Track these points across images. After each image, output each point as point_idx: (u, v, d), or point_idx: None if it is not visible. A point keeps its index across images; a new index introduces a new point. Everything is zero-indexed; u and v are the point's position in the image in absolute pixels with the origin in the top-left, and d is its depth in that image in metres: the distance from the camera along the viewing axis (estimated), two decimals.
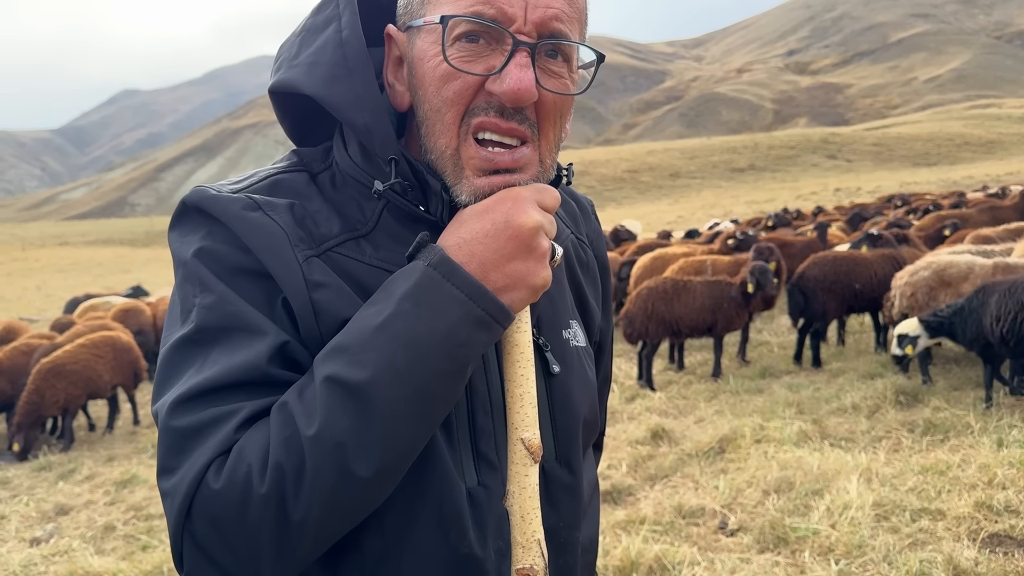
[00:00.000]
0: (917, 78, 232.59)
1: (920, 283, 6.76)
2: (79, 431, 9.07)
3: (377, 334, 0.86)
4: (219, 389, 0.88)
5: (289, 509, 0.82)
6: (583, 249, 1.25)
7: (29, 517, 6.29)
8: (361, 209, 1.02)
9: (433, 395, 0.88)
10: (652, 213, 47.44)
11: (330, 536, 0.88)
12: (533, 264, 0.93)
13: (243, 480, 0.82)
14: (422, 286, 0.88)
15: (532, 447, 0.96)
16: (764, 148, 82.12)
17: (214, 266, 0.94)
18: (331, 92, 0.99)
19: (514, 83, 0.93)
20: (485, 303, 0.90)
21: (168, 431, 0.87)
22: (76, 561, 5.00)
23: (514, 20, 0.94)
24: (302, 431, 0.83)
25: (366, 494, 0.87)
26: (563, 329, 1.13)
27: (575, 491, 1.10)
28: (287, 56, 1.05)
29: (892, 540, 4.15)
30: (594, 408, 1.19)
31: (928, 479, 4.88)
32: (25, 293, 31.42)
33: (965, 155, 66.28)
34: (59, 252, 63.38)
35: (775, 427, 6.03)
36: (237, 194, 0.98)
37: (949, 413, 5.98)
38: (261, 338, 0.90)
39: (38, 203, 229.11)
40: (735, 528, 4.64)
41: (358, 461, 0.83)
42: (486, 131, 0.96)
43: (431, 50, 0.97)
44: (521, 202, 0.93)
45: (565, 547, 1.08)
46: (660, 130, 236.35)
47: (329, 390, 0.84)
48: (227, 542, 0.84)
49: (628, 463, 5.82)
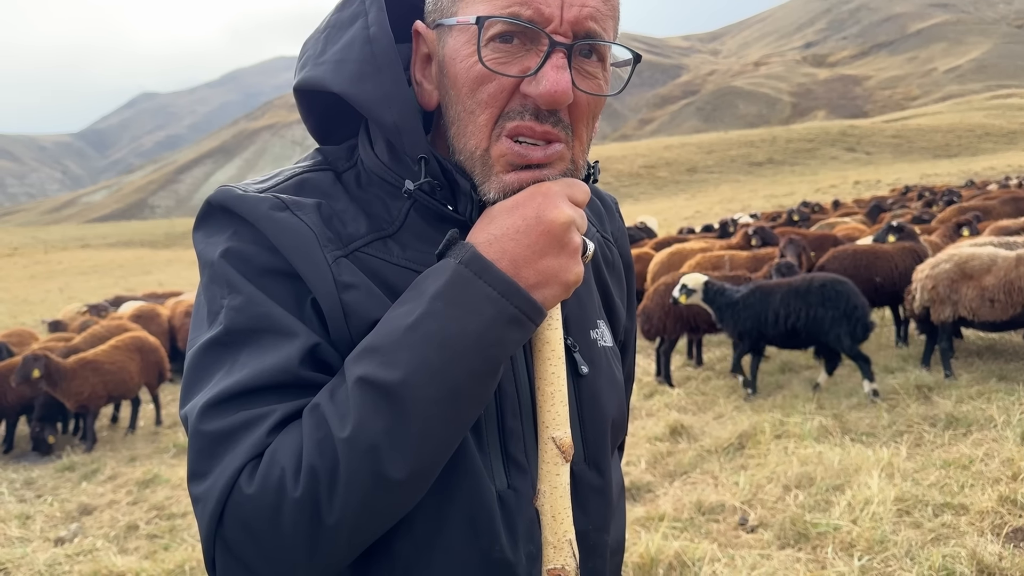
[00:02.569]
0: (937, 69, 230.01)
1: (942, 276, 6.67)
2: (101, 432, 9.17)
3: (409, 334, 0.85)
4: (250, 392, 0.86)
5: (323, 513, 0.81)
6: (608, 248, 1.24)
7: (53, 517, 6.35)
8: (387, 208, 1.01)
9: (466, 395, 0.87)
10: (669, 208, 47.21)
11: (364, 540, 0.87)
12: (566, 260, 0.91)
13: (277, 484, 0.81)
14: (454, 284, 0.87)
15: (563, 446, 0.95)
16: (782, 141, 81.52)
17: (242, 267, 0.93)
18: (359, 90, 0.98)
19: (551, 85, 0.91)
20: (518, 300, 0.88)
21: (198, 435, 0.86)
22: (100, 560, 5.04)
23: (551, 20, 0.91)
24: (335, 433, 0.82)
25: (400, 496, 0.86)
26: (591, 329, 1.11)
27: (604, 493, 1.08)
28: (312, 54, 1.04)
29: (914, 535, 4.11)
30: (622, 408, 1.17)
31: (951, 473, 4.83)
32: (48, 295, 31.77)
33: (986, 146, 65.46)
34: (81, 254, 64.03)
35: (795, 422, 5.98)
36: (264, 194, 0.97)
37: (971, 406, 5.91)
38: (291, 340, 0.89)
39: (59, 206, 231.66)
40: (755, 524, 4.61)
41: (392, 463, 0.82)
42: (521, 135, 0.94)
43: (464, 50, 0.95)
44: (552, 197, 0.91)
45: (595, 550, 1.07)
46: (677, 125, 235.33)
47: (362, 391, 0.83)
48: (261, 547, 0.83)
49: (647, 460, 5.80)
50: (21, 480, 7.54)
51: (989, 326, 6.66)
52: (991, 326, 6.64)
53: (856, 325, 6.57)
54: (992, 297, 6.41)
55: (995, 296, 6.39)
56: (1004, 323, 6.50)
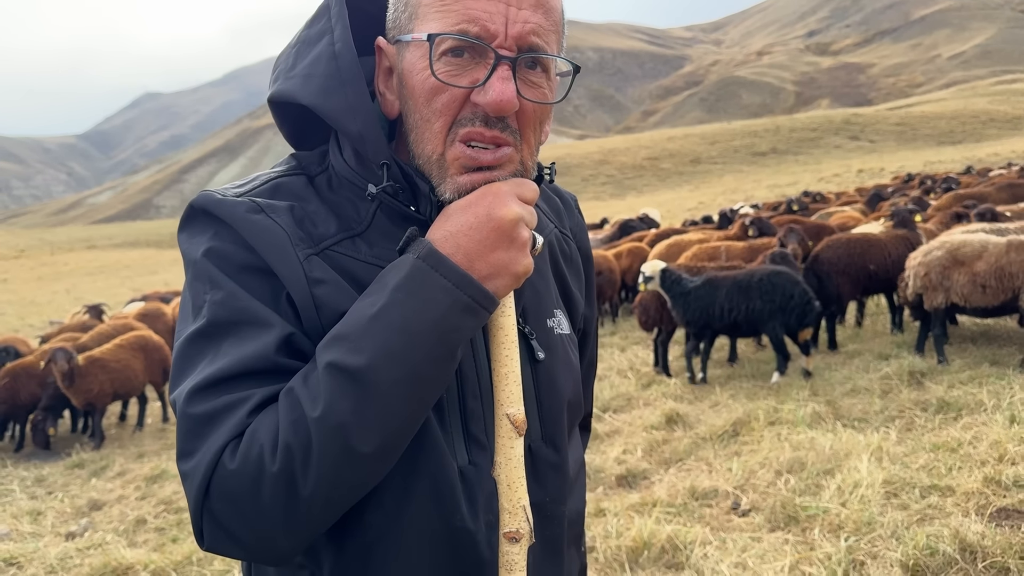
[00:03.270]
0: (941, 55, 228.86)
1: (934, 263, 6.75)
2: (109, 429, 9.31)
3: (373, 323, 0.94)
4: (231, 378, 0.95)
5: (299, 485, 0.90)
6: (567, 243, 1.33)
7: (64, 513, 6.50)
8: (356, 209, 1.10)
9: (426, 377, 0.95)
10: (673, 200, 47.21)
11: (337, 509, 0.96)
12: (515, 253, 0.99)
13: (256, 460, 0.90)
14: (413, 277, 0.96)
15: (517, 421, 1.03)
16: (786, 131, 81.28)
17: (222, 264, 1.01)
18: (326, 102, 1.06)
19: (497, 95, 0.99)
20: (471, 290, 0.96)
21: (186, 417, 0.95)
22: (110, 553, 5.15)
23: (496, 36, 1.00)
24: (308, 413, 0.90)
25: (368, 469, 0.94)
26: (548, 318, 1.20)
27: (560, 468, 1.17)
28: (284, 67, 1.12)
29: (901, 516, 4.20)
30: (578, 391, 1.26)
31: (939, 457, 4.91)
32: (55, 296, 31.96)
33: (991, 132, 65.19)
34: (87, 255, 64.27)
35: (789, 409, 6.08)
36: (241, 198, 1.05)
37: (962, 391, 5.99)
38: (268, 330, 0.98)
39: (65, 208, 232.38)
40: (747, 508, 4.71)
41: (360, 439, 0.91)
42: (472, 140, 1.03)
43: (419, 64, 1.03)
44: (502, 196, 1.00)
45: (552, 520, 1.16)
46: (680, 116, 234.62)
47: (331, 375, 0.91)
48: (243, 516, 0.92)
49: (643, 448, 5.90)
50: (32, 478, 7.69)
51: (981, 312, 6.75)
52: (983, 312, 6.73)
53: (790, 317, 6.96)
54: (983, 283, 6.49)
55: (986, 282, 6.47)
56: (995, 308, 6.59)
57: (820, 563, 3.85)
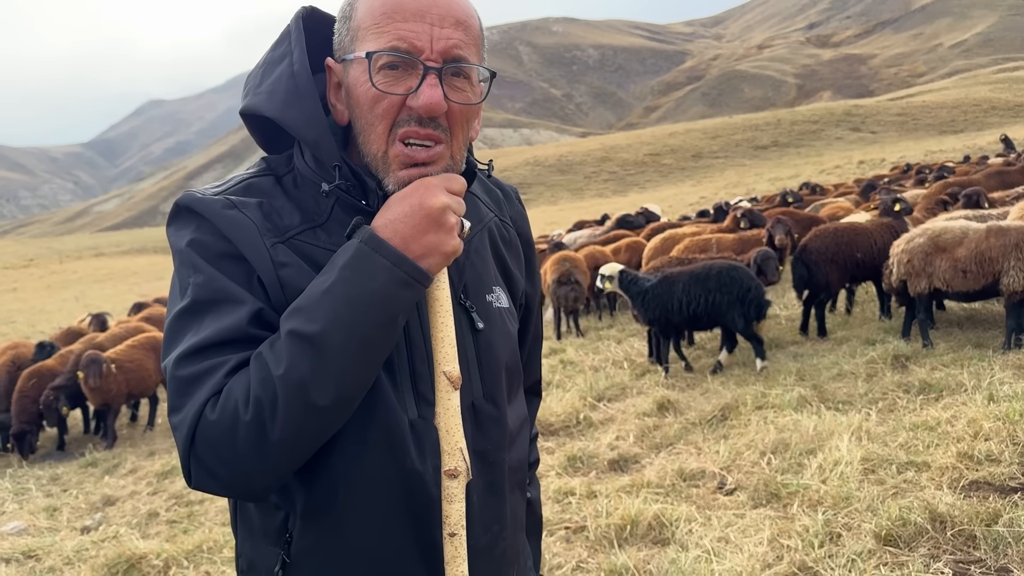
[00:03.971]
0: (942, 44, 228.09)
1: (916, 250, 6.94)
2: (121, 429, 9.56)
3: (324, 296, 1.13)
4: (212, 346, 1.15)
5: (268, 431, 1.09)
6: (506, 229, 1.53)
7: (79, 508, 6.73)
8: (317, 204, 1.29)
9: (371, 340, 1.14)
10: (675, 195, 47.32)
11: (302, 452, 1.16)
12: (443, 235, 1.18)
13: (232, 411, 1.10)
14: (357, 258, 1.15)
15: (452, 377, 1.22)
16: (787, 124, 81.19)
17: (203, 252, 1.21)
18: (286, 115, 1.26)
19: (427, 98, 1.20)
20: (406, 267, 1.15)
21: (174, 379, 1.16)
22: (124, 544, 5.35)
23: (423, 51, 1.21)
24: (273, 372, 1.10)
25: (327, 419, 1.14)
26: (487, 294, 1.41)
27: (500, 421, 1.38)
28: (253, 85, 1.33)
29: (877, 491, 4.38)
30: (515, 356, 1.46)
31: (918, 435, 5.10)
32: (64, 304, 32.23)
33: (992, 120, 65.03)
34: (95, 263, 64.62)
35: (776, 394, 6.27)
36: (218, 196, 1.26)
37: (944, 373, 6.18)
38: (242, 306, 1.18)
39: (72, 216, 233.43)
40: (732, 488, 4.91)
41: (317, 393, 1.10)
42: (409, 138, 1.23)
43: (361, 77, 1.24)
44: (432, 188, 1.19)
45: (494, 466, 1.37)
46: (683, 111, 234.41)
47: (291, 341, 1.11)
48: (223, 459, 1.12)
49: (635, 434, 6.10)
50: (47, 476, 7.93)
51: (963, 296, 6.93)
52: (965, 296, 6.91)
53: (749, 307, 7.19)
54: (964, 268, 6.68)
55: (967, 267, 6.66)
56: (977, 292, 6.77)
57: (798, 535, 4.04)
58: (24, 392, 8.95)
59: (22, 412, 8.88)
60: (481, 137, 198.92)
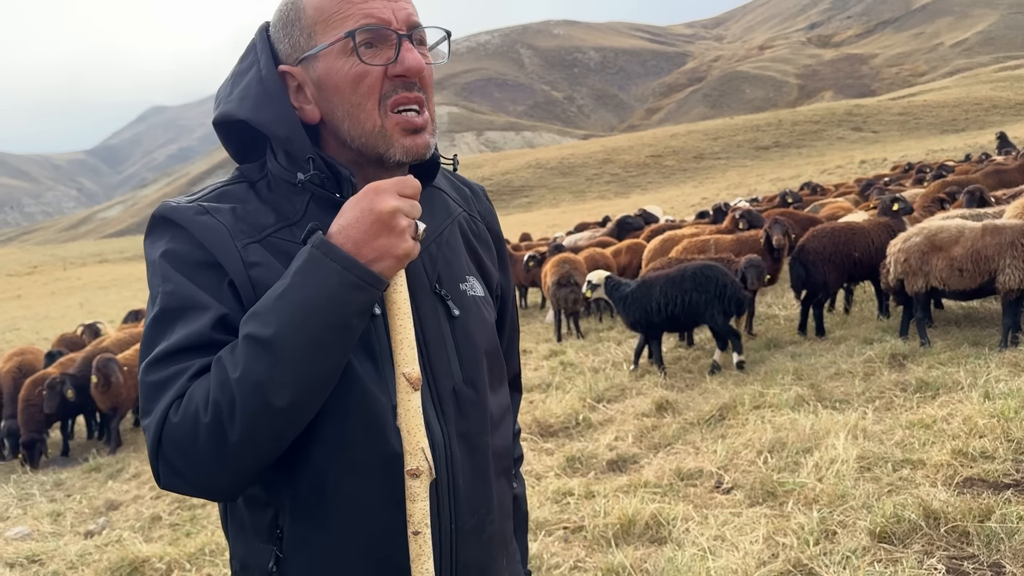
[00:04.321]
0: (943, 43, 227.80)
1: (912, 249, 6.97)
2: (125, 435, 9.61)
3: (278, 301, 1.16)
4: (177, 352, 1.20)
5: (227, 432, 1.13)
6: (475, 223, 1.58)
7: (82, 513, 6.78)
8: (292, 204, 1.34)
9: (326, 343, 1.16)
10: (677, 197, 47.34)
11: (265, 452, 1.18)
12: (395, 239, 1.19)
13: (193, 414, 1.14)
14: (309, 262, 1.17)
15: (412, 379, 1.22)
16: (788, 124, 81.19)
17: (173, 262, 1.26)
18: (258, 115, 1.32)
19: (411, 60, 1.28)
20: (357, 271, 1.17)
21: (143, 385, 1.21)
22: (127, 548, 5.39)
23: (391, 22, 1.29)
24: (231, 375, 1.13)
25: (285, 420, 1.17)
26: (460, 283, 1.44)
27: (480, 405, 1.41)
28: (224, 95, 1.38)
29: (872, 488, 4.41)
30: (494, 343, 1.50)
31: (914, 433, 5.13)
32: (68, 311, 32.35)
33: (994, 119, 64.94)
34: (99, 270, 64.83)
35: (773, 394, 6.30)
36: (191, 203, 1.31)
37: (941, 371, 6.20)
38: (206, 312, 1.22)
39: (76, 223, 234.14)
40: (729, 486, 4.94)
41: (274, 395, 1.13)
42: (400, 105, 1.29)
43: (338, 62, 1.29)
44: (382, 192, 1.20)
45: (477, 449, 1.40)
46: (684, 112, 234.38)
47: (247, 345, 1.15)
48: (186, 459, 1.16)
49: (634, 434, 6.14)
50: (51, 482, 7.99)
51: (960, 295, 6.96)
52: (961, 295, 6.94)
53: (728, 304, 7.44)
54: (961, 267, 6.71)
55: (963, 266, 6.69)
56: (974, 291, 6.80)
57: (794, 533, 4.07)
58: (29, 400, 8.99)
59: (30, 421, 8.92)
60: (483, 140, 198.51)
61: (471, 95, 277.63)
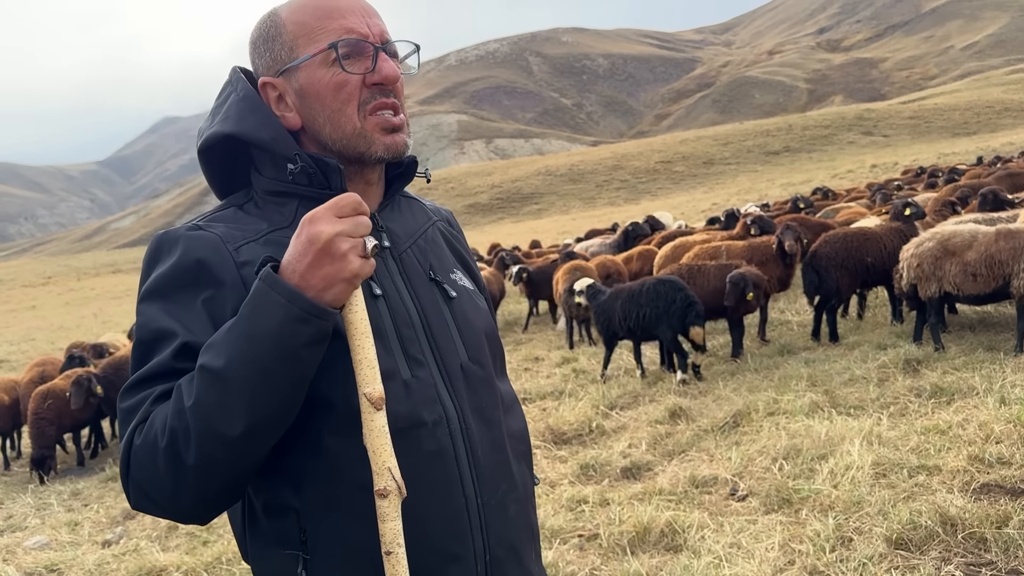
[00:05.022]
0: (954, 46, 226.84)
1: (925, 254, 6.95)
2: None
3: (228, 333, 1.20)
4: (143, 380, 1.27)
5: (183, 457, 1.18)
6: (451, 232, 1.67)
7: (100, 523, 6.81)
8: (281, 213, 1.41)
9: (276, 373, 1.18)
10: (687, 203, 47.29)
11: (223, 478, 1.22)
12: (338, 264, 1.19)
13: (152, 439, 1.20)
14: (255, 296, 1.20)
15: (373, 398, 1.21)
16: (798, 129, 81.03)
17: (150, 297, 1.34)
18: (242, 126, 1.39)
19: (388, 69, 1.37)
20: (301, 304, 1.17)
21: (119, 411, 1.30)
22: (144, 557, 5.44)
23: (368, 35, 1.38)
24: (185, 404, 1.18)
25: (239, 448, 1.20)
26: (450, 273, 1.53)
27: (487, 381, 1.48)
28: (205, 127, 1.45)
29: (888, 495, 4.40)
30: (491, 327, 1.56)
31: (929, 439, 5.11)
32: (83, 321, 32.57)
33: (1006, 121, 64.68)
34: (112, 280, 65.24)
35: (788, 400, 6.29)
36: (184, 225, 1.40)
37: (956, 377, 6.18)
38: (171, 342, 1.28)
39: (89, 233, 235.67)
40: (744, 494, 4.94)
41: (225, 424, 1.17)
42: (378, 109, 1.38)
43: (320, 71, 1.37)
44: (317, 220, 1.20)
45: (491, 422, 1.45)
46: (694, 118, 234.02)
47: (201, 375, 1.19)
48: (149, 481, 1.22)
49: (648, 441, 6.14)
50: (68, 492, 8.04)
51: (973, 299, 6.94)
52: (975, 299, 6.92)
53: (674, 320, 7.66)
54: (974, 272, 6.69)
55: (977, 271, 6.67)
56: (988, 296, 6.78)
57: (809, 540, 4.08)
58: (40, 414, 8.84)
59: (40, 436, 8.82)
60: (492, 148, 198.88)
61: (480, 103, 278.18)
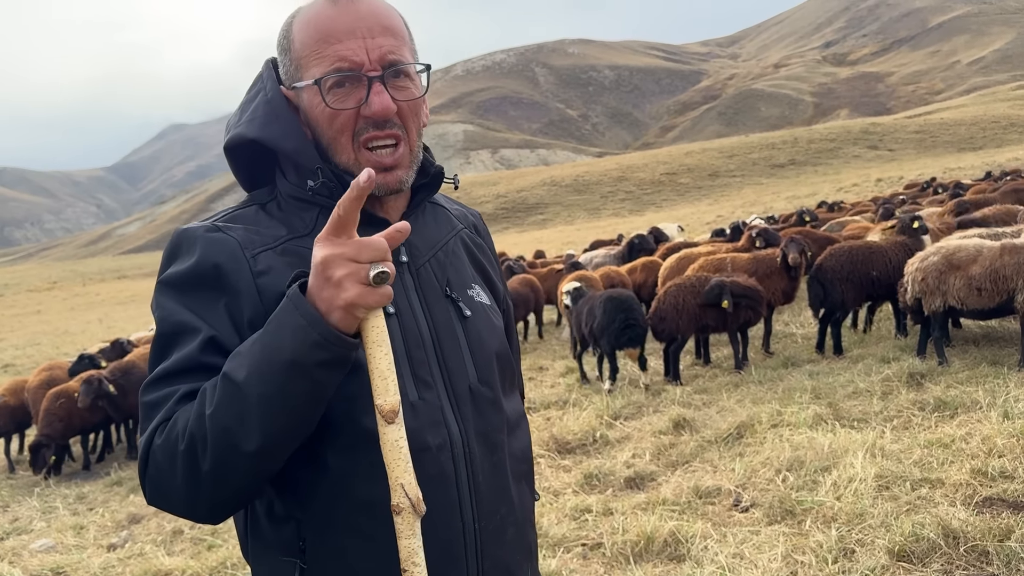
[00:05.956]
0: (960, 61, 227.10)
1: (930, 268, 6.98)
2: None
3: (253, 345, 1.18)
4: (169, 375, 1.26)
5: (200, 462, 1.17)
6: (476, 239, 1.65)
7: (105, 526, 6.85)
8: (302, 219, 1.40)
9: (292, 393, 1.16)
10: (692, 214, 47.30)
11: (237, 487, 1.22)
12: (332, 291, 1.14)
13: (173, 440, 1.19)
14: (280, 314, 1.18)
15: (384, 411, 1.16)
16: (804, 142, 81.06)
17: (169, 290, 1.32)
18: (267, 133, 1.38)
19: (378, 105, 1.32)
20: (319, 329, 1.14)
21: (141, 405, 1.28)
22: (149, 561, 5.46)
23: (363, 64, 1.32)
24: (206, 411, 1.17)
25: (254, 462, 1.18)
26: (467, 289, 1.51)
27: (496, 403, 1.46)
28: (233, 122, 1.45)
29: (891, 507, 4.42)
30: (504, 347, 1.54)
31: (932, 452, 5.13)
32: (88, 326, 32.63)
33: (1012, 137, 64.60)
34: (118, 285, 65.41)
35: (791, 412, 6.31)
36: (204, 223, 1.38)
37: (960, 391, 6.19)
38: (196, 335, 1.26)
39: (95, 239, 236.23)
40: (748, 505, 4.96)
41: (241, 439, 1.16)
42: (371, 142, 1.35)
43: (315, 100, 1.35)
44: (318, 241, 1.17)
45: (496, 446, 1.44)
46: (699, 130, 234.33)
47: (223, 383, 1.17)
48: (165, 480, 1.22)
49: (651, 452, 6.16)
50: (74, 495, 8.08)
51: (978, 314, 6.96)
52: (980, 314, 6.94)
53: (612, 336, 8.03)
54: (979, 286, 6.71)
55: (982, 285, 6.69)
56: (992, 310, 6.79)
57: (812, 551, 4.10)
58: (51, 411, 9.01)
59: (46, 426, 8.96)
60: (498, 158, 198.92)
61: (486, 113, 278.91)
